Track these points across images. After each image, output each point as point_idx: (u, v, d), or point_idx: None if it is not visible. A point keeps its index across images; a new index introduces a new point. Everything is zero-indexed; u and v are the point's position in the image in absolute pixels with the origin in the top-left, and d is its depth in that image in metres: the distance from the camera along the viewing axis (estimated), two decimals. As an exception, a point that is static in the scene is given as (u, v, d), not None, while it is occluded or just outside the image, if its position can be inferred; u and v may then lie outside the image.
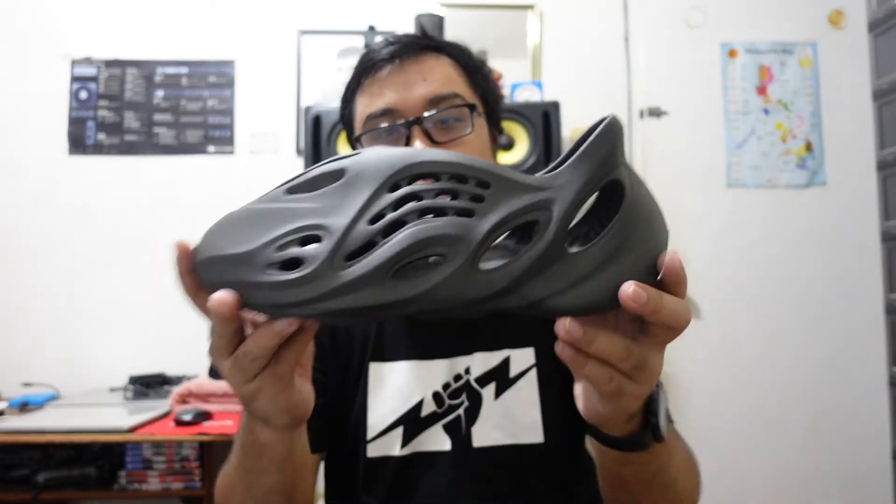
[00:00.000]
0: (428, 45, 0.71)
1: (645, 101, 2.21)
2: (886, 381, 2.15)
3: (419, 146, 0.65)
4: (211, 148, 2.15)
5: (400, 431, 0.69)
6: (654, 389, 0.45)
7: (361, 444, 0.69)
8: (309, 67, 2.17)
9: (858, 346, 2.17)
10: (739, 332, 2.16)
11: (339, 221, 0.32)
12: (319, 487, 0.68)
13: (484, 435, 0.69)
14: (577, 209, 0.33)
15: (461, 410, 0.70)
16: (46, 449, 1.57)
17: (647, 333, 0.37)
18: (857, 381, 2.16)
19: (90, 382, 1.97)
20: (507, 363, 0.71)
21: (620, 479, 0.52)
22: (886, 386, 2.15)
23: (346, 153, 0.35)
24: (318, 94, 2.10)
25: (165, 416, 1.63)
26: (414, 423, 0.69)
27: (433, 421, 0.69)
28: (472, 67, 0.73)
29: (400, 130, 0.67)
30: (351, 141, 0.75)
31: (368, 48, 0.73)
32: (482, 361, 0.71)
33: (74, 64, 2.14)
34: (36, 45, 2.13)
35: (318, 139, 1.72)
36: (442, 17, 1.99)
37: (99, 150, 2.12)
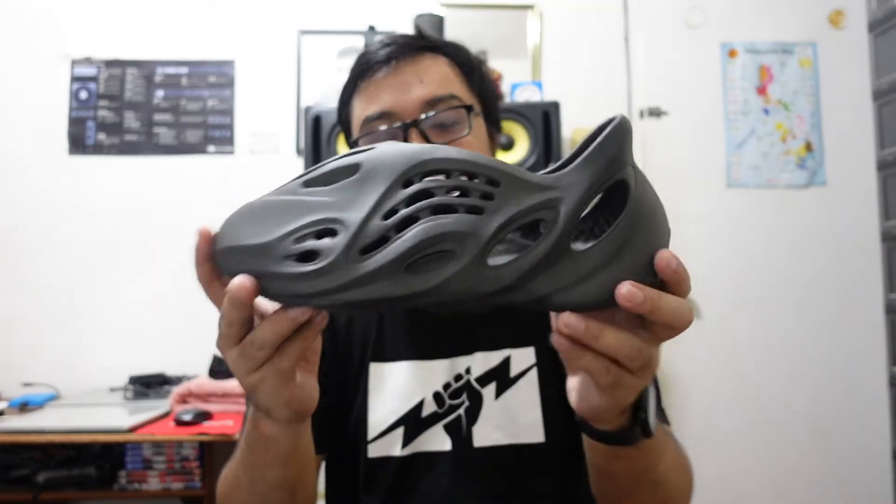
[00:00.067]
0: (424, 45, 0.71)
1: (645, 101, 2.21)
2: (886, 381, 2.15)
3: None
4: (211, 148, 2.15)
5: (401, 432, 0.69)
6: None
7: (362, 444, 0.69)
8: (309, 67, 2.17)
9: (858, 346, 2.17)
10: (739, 332, 2.17)
11: (354, 216, 0.33)
12: (320, 488, 0.68)
13: (484, 435, 0.69)
14: (583, 209, 0.34)
15: (462, 410, 0.70)
16: (46, 449, 1.57)
17: (647, 330, 0.37)
18: (857, 381, 2.16)
19: (90, 382, 1.97)
20: (507, 363, 0.71)
21: (609, 474, 0.52)
22: (886, 386, 2.15)
23: (361, 147, 0.36)
24: (318, 94, 2.10)
25: (165, 416, 1.63)
26: (415, 423, 0.69)
27: (434, 421, 0.69)
28: (469, 67, 0.73)
29: (397, 133, 0.67)
30: (349, 143, 0.75)
31: (364, 50, 0.72)
32: (482, 361, 0.71)
33: (74, 64, 2.14)
34: (36, 45, 2.13)
35: (318, 139, 1.72)
36: (442, 17, 1.99)
37: (99, 150, 2.12)
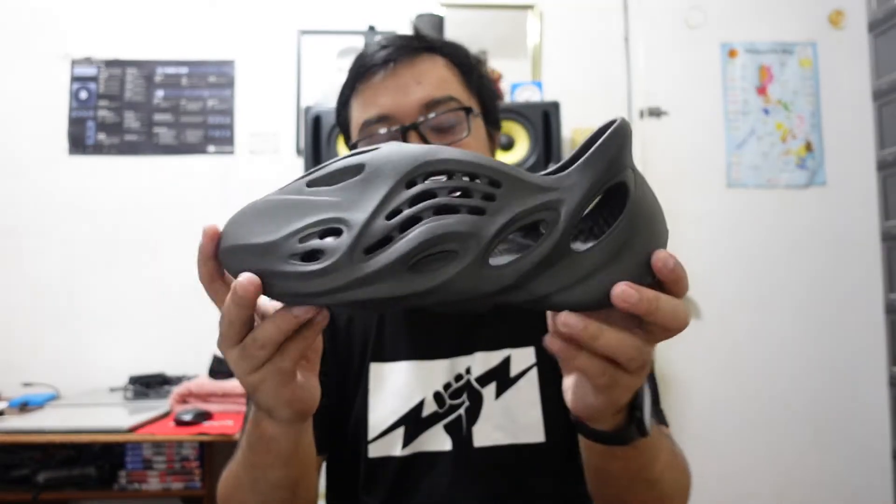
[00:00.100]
0: (421, 46, 0.70)
1: (645, 101, 2.21)
2: (886, 381, 2.15)
3: None
4: (211, 148, 2.15)
5: (401, 432, 0.69)
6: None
7: (362, 444, 0.69)
8: (309, 67, 2.17)
9: (858, 346, 2.17)
10: (739, 332, 2.17)
11: (358, 216, 0.34)
12: (320, 488, 0.68)
13: (485, 435, 0.69)
14: (583, 210, 0.35)
15: (462, 410, 0.70)
16: (46, 449, 1.57)
17: (644, 330, 0.37)
18: (857, 381, 2.16)
19: (90, 382, 1.97)
20: (507, 363, 0.71)
21: (606, 474, 0.52)
22: (886, 386, 2.15)
23: (365, 147, 0.36)
24: (318, 94, 2.10)
25: (165, 416, 1.63)
26: (415, 423, 0.69)
27: (434, 421, 0.69)
28: (467, 67, 0.73)
29: (396, 136, 0.67)
30: (349, 146, 0.75)
31: (362, 51, 0.72)
32: (483, 361, 0.71)
33: (74, 64, 2.14)
34: (36, 45, 2.13)
35: (318, 139, 1.72)
36: (442, 17, 1.99)
37: (99, 150, 2.12)
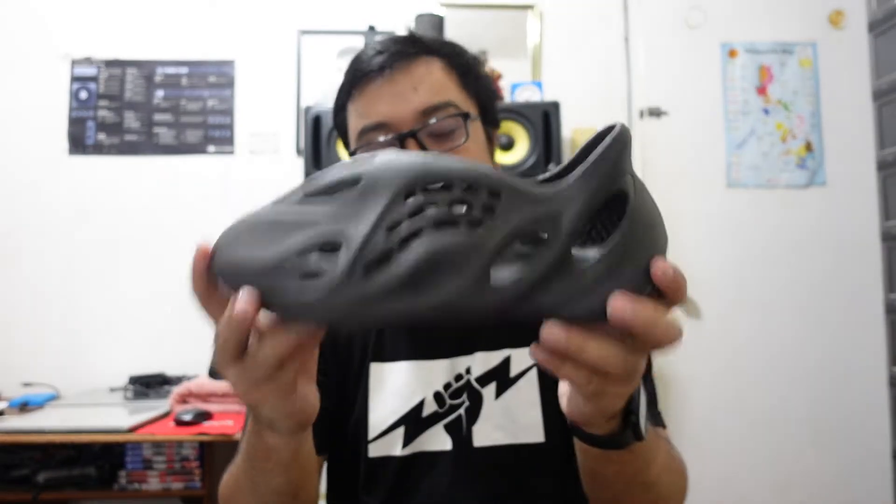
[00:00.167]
0: (417, 50, 0.69)
1: (645, 101, 2.21)
2: (886, 381, 2.15)
3: None
4: (211, 148, 2.15)
5: (401, 431, 0.69)
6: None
7: (362, 444, 0.69)
8: (309, 67, 2.17)
9: (858, 346, 2.17)
10: (739, 332, 2.17)
11: (357, 230, 0.33)
12: (321, 488, 0.68)
13: (485, 435, 0.69)
14: (583, 220, 0.34)
15: (462, 410, 0.70)
16: (46, 449, 1.57)
17: (634, 341, 0.36)
18: (857, 381, 2.16)
19: (90, 382, 1.97)
20: (507, 363, 0.71)
21: (602, 477, 0.52)
22: (886, 386, 2.15)
23: (361, 156, 0.36)
24: (318, 94, 2.10)
25: (165, 416, 1.63)
26: (415, 423, 0.69)
27: (434, 421, 0.69)
28: (464, 67, 0.72)
29: (394, 144, 0.66)
30: (348, 152, 0.75)
31: (357, 55, 0.71)
32: (483, 361, 0.71)
33: (74, 64, 2.14)
34: (36, 45, 2.13)
35: (318, 139, 1.72)
36: (442, 17, 1.99)
37: (99, 150, 2.12)
